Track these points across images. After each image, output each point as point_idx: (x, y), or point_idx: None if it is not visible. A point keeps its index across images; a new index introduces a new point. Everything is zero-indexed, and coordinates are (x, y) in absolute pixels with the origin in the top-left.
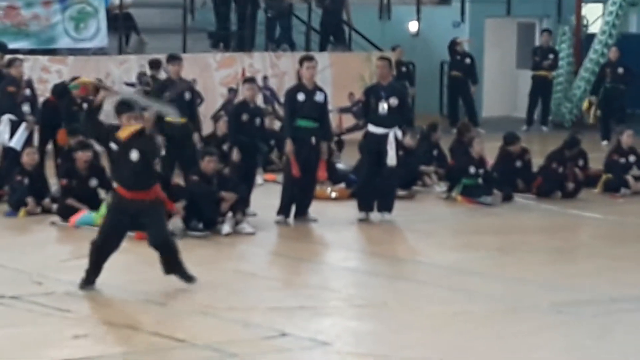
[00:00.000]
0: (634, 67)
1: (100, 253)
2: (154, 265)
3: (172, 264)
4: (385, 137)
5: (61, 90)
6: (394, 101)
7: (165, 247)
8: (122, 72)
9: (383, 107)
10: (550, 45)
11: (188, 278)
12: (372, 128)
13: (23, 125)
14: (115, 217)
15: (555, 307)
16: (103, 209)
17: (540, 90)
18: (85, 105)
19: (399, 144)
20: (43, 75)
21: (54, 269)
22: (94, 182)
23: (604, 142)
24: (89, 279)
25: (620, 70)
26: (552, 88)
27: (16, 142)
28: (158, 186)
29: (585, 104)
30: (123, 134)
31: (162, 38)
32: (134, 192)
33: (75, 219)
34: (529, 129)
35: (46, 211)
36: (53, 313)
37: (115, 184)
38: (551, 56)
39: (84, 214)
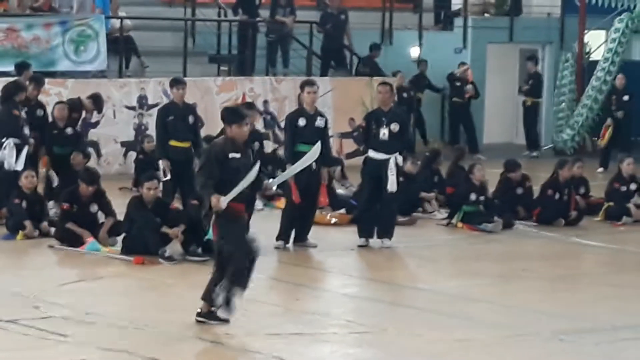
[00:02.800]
0: (635, 94)
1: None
2: (151, 290)
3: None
4: (385, 162)
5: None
6: (395, 127)
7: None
8: (122, 96)
9: (384, 132)
10: (533, 72)
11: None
12: (372, 154)
13: (25, 148)
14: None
15: (556, 335)
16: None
17: (525, 115)
18: (69, 130)
19: (399, 170)
20: (43, 98)
21: (51, 293)
22: (94, 208)
23: (600, 170)
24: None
25: (626, 97)
26: (533, 113)
27: (19, 164)
28: None
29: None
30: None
31: (162, 61)
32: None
33: (82, 248)
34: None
35: (44, 235)
36: (50, 337)
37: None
38: (530, 82)
39: (91, 242)
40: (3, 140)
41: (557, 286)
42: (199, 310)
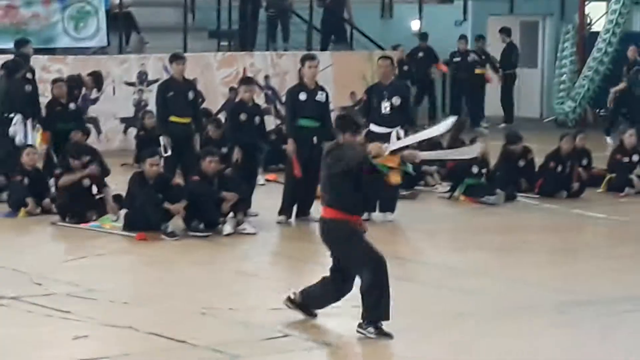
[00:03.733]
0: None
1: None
2: (154, 266)
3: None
4: (387, 136)
5: None
6: (396, 101)
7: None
8: (122, 72)
9: (385, 106)
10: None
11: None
12: (374, 127)
13: (29, 123)
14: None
15: (558, 308)
16: (107, 217)
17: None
18: (72, 105)
19: None
20: (43, 75)
21: (54, 269)
22: (86, 182)
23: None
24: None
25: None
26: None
27: (29, 139)
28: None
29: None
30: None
31: (162, 37)
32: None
33: (85, 225)
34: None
35: (46, 212)
36: (53, 314)
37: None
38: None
39: (92, 224)
40: (12, 115)
41: (558, 259)
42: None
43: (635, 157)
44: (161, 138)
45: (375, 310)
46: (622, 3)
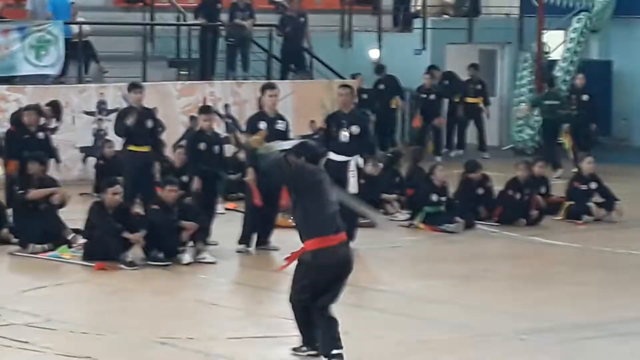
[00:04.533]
0: (594, 93)
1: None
2: (113, 296)
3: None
4: (346, 164)
5: (16, 119)
6: (355, 129)
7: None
8: (81, 101)
9: (344, 135)
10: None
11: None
12: (333, 156)
13: None
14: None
15: (518, 335)
16: (65, 247)
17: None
18: (40, 135)
19: (360, 172)
20: (1, 105)
21: (12, 300)
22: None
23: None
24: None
25: (585, 97)
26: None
27: None
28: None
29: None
30: None
31: (121, 66)
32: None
33: (44, 255)
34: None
35: (4, 242)
36: (12, 344)
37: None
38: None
39: (50, 253)
40: None
41: (518, 286)
42: None
43: (593, 185)
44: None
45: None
46: (580, 32)
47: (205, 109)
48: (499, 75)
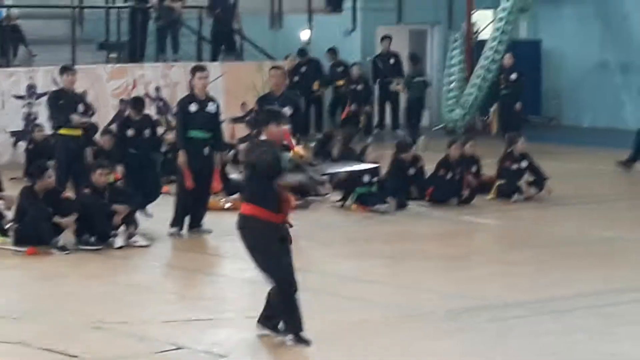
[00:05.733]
0: (524, 72)
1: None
2: (45, 281)
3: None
4: None
5: None
6: (287, 111)
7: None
8: (11, 85)
9: None
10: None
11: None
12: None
13: None
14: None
15: (450, 314)
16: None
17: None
18: None
19: None
20: None
21: None
22: None
23: None
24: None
25: (513, 76)
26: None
27: None
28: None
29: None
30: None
31: (50, 50)
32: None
33: None
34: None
35: None
36: None
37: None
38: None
39: None
40: None
41: (449, 265)
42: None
43: (523, 164)
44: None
45: (291, 322)
46: (508, 11)
47: (135, 102)
48: (429, 56)
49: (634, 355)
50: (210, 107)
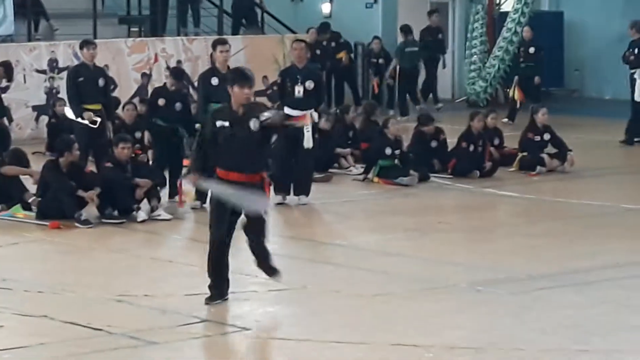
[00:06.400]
0: (546, 44)
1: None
2: (68, 254)
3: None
4: (301, 119)
5: None
6: (309, 84)
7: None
8: (32, 59)
9: (299, 90)
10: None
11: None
12: (288, 111)
13: None
14: None
15: (473, 287)
16: (19, 206)
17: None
18: None
19: (314, 127)
20: None
21: None
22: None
23: (504, 120)
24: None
25: (532, 49)
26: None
27: None
28: None
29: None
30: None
31: (72, 24)
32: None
33: None
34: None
35: None
36: None
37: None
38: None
39: (3, 213)
40: None
41: (472, 238)
42: None
43: (546, 136)
44: (83, 115)
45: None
46: None
47: (175, 72)
48: (450, 28)
49: None
50: (251, 86)
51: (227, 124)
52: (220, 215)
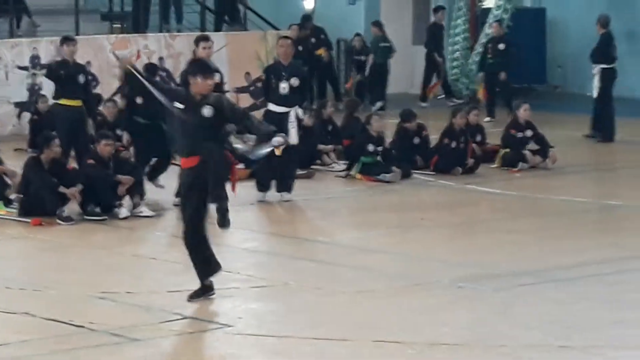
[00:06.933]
0: (529, 41)
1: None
2: (50, 251)
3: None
4: (286, 115)
5: None
6: (295, 81)
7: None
8: (14, 56)
9: (284, 87)
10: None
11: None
12: (272, 107)
13: None
14: None
15: (456, 283)
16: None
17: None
18: None
19: (299, 124)
20: None
21: None
22: None
23: (487, 119)
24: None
25: (502, 46)
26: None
27: None
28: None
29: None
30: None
31: (54, 20)
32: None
33: None
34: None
35: None
36: None
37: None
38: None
39: None
40: None
41: (455, 234)
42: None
43: (528, 132)
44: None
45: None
46: None
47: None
48: None
49: (638, 322)
50: (215, 78)
51: (182, 106)
52: (187, 200)
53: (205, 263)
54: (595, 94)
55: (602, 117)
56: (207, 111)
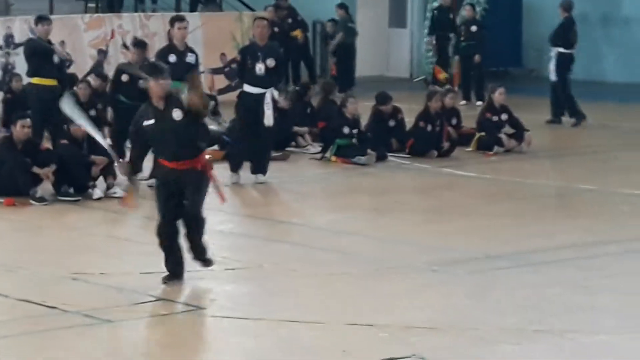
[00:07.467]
0: (504, 24)
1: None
2: (23, 232)
3: (196, 245)
4: (261, 97)
5: None
6: (271, 62)
7: (195, 221)
8: None
9: (260, 67)
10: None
11: (207, 262)
12: (248, 88)
13: None
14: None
15: (430, 266)
16: None
17: None
18: None
19: (274, 105)
20: None
21: None
22: None
23: (462, 102)
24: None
25: (474, 28)
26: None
27: None
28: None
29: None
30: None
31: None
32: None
33: None
34: None
35: None
36: None
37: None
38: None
39: None
40: None
41: (430, 217)
42: None
43: (503, 116)
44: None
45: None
46: None
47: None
48: (409, 7)
49: (611, 307)
50: (190, 58)
51: (152, 121)
52: (164, 201)
53: (178, 264)
54: (552, 77)
55: (562, 102)
56: (176, 114)
